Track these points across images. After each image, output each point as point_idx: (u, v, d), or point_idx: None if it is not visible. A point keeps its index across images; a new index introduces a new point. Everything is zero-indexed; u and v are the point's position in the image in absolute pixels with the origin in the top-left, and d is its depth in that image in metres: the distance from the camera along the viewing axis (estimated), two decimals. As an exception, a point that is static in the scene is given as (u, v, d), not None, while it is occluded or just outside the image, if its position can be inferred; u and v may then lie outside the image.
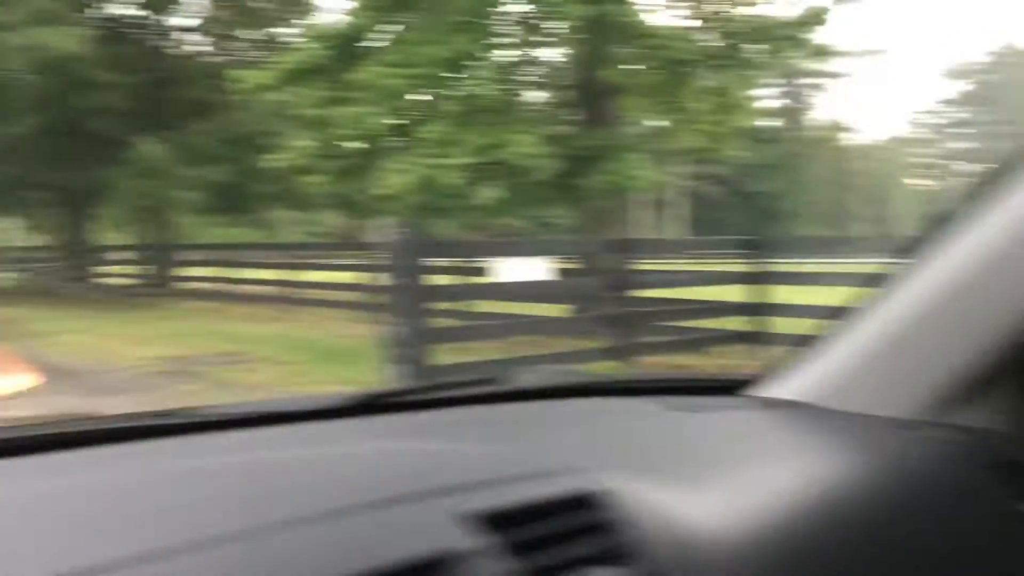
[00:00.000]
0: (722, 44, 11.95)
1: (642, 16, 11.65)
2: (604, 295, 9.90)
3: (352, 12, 12.29)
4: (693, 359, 9.68)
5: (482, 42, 10.73)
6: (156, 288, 20.23)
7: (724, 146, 13.64)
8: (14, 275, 28.88)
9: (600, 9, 10.10)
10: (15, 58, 15.05)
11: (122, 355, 11.04)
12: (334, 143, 12.34)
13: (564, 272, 10.90)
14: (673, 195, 55.06)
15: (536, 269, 7.85)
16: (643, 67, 12.39)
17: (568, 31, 11.07)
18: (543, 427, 1.23)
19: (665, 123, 14.80)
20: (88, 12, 18.95)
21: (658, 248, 24.71)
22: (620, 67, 10.92)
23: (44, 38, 14.67)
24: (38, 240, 43.30)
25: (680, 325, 10.03)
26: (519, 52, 11.78)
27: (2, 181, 19.40)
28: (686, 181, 53.39)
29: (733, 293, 9.88)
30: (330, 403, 1.21)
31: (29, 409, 6.89)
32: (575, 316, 10.85)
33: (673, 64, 11.66)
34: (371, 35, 12.25)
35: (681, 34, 11.50)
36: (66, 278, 24.77)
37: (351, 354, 10.64)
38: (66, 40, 14.78)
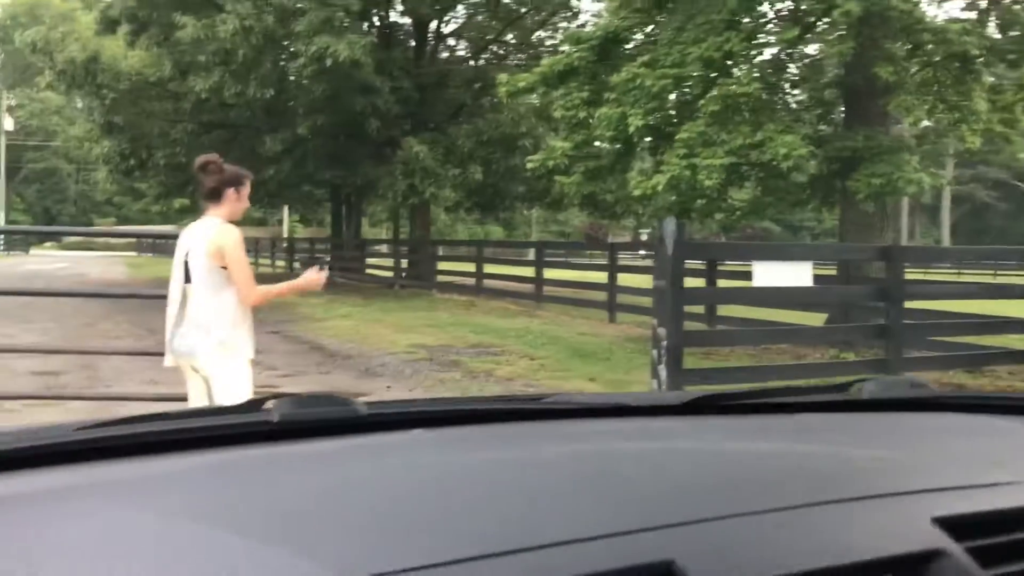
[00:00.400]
0: (1015, 35, 10.93)
1: (923, 8, 10.89)
2: (868, 304, 9.36)
3: (611, 13, 12.38)
4: (968, 378, 8.94)
5: (748, 40, 10.43)
6: (414, 280, 21.45)
7: (1007, 147, 12.48)
8: (287, 263, 31.73)
9: (879, 3, 9.53)
10: (303, 65, 16.49)
11: (384, 341, 11.76)
12: (590, 144, 12.47)
13: (823, 278, 10.42)
14: (939, 199, 51.15)
15: (793, 274, 7.52)
16: (919, 63, 11.59)
17: (839, 26, 10.53)
18: (948, 439, 1.20)
19: (939, 123, 13.78)
20: (366, 20, 20.38)
21: (928, 256, 23.14)
22: (894, 63, 10.23)
23: (330, 46, 15.95)
24: (308, 232, 47.26)
25: (954, 340, 9.30)
26: (783, 49, 11.36)
27: (282, 177, 21.29)
28: (955, 185, 49.41)
29: (1017, 308, 9.06)
30: (668, 400, 1.23)
31: (306, 387, 7.43)
32: (834, 325, 10.32)
33: (954, 59, 10.81)
34: (630, 36, 12.28)
35: (968, 28, 10.61)
36: (333, 267, 26.86)
37: (597, 351, 10.75)
38: (349, 48, 15.98)
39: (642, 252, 33.59)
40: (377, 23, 21.64)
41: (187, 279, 4.18)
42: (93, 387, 8.10)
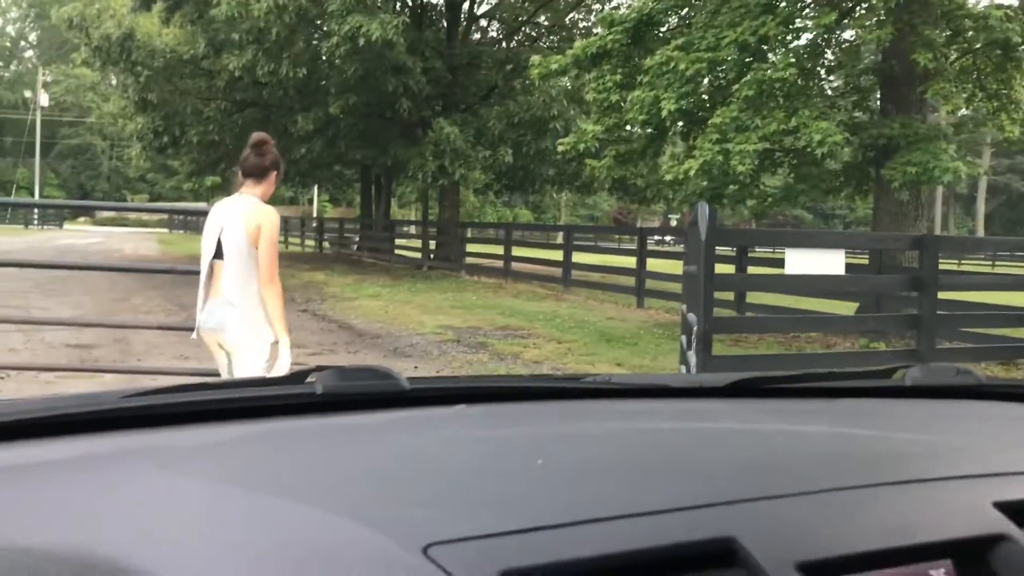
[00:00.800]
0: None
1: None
2: (900, 294, 9.27)
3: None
4: (1002, 370, 8.83)
5: (784, 25, 10.31)
6: (442, 262, 21.50)
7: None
8: (316, 242, 31.93)
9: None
10: (336, 44, 16.49)
11: (412, 322, 11.81)
12: (622, 127, 12.40)
13: (854, 267, 10.32)
14: (974, 189, 50.44)
15: (826, 262, 7.45)
16: (958, 50, 11.40)
17: (878, 11, 10.37)
18: (998, 426, 1.19)
19: (978, 111, 13.57)
20: (398, 0, 20.34)
21: (962, 247, 22.82)
22: (932, 49, 10.07)
23: (363, 25, 15.94)
24: (337, 212, 47.52)
25: (987, 332, 9.19)
26: (820, 34, 11.20)
27: (314, 156, 21.37)
28: (991, 175, 48.66)
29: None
30: (710, 382, 1.23)
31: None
32: (866, 315, 10.23)
33: (996, 46, 10.63)
34: (665, 19, 12.17)
35: (1010, 14, 10.41)
36: (363, 248, 26.99)
37: (625, 336, 10.73)
38: (381, 28, 15.97)
39: (667, 238, 33.41)
40: (410, 3, 21.60)
41: (218, 255, 4.21)
42: (125, 360, 8.21)
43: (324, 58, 18.63)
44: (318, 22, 18.42)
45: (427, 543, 0.69)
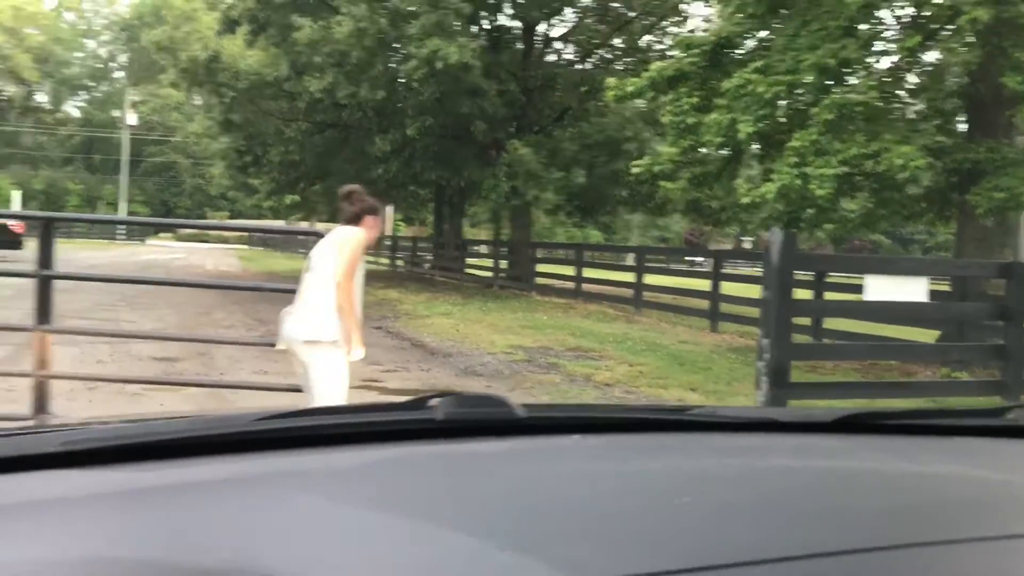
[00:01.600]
0: None
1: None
2: (987, 323, 9.00)
3: (724, 19, 12.21)
4: (1094, 404, 8.50)
5: (865, 47, 10.16)
6: (513, 281, 21.58)
7: None
8: (390, 260, 32.38)
9: (1010, 9, 9.15)
10: (414, 67, 16.77)
11: (483, 341, 11.88)
12: (697, 150, 12.33)
13: (935, 294, 10.05)
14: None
15: (908, 289, 7.28)
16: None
17: (965, 34, 10.15)
18: None
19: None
20: (475, 24, 20.60)
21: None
22: (1022, 73, 9.79)
23: (441, 48, 16.20)
24: (410, 231, 48.06)
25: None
26: (903, 57, 11.01)
27: (390, 176, 21.71)
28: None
29: None
30: (817, 417, 1.23)
31: (408, 383, 7.56)
32: (948, 343, 9.96)
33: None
34: (742, 42, 12.09)
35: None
36: (435, 266, 27.28)
37: (698, 360, 10.63)
38: (459, 51, 16.20)
39: (701, 261, 32.83)
40: (487, 26, 21.86)
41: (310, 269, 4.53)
42: (208, 374, 8.44)
43: (402, 81, 18.96)
44: (396, 45, 18.77)
45: None
